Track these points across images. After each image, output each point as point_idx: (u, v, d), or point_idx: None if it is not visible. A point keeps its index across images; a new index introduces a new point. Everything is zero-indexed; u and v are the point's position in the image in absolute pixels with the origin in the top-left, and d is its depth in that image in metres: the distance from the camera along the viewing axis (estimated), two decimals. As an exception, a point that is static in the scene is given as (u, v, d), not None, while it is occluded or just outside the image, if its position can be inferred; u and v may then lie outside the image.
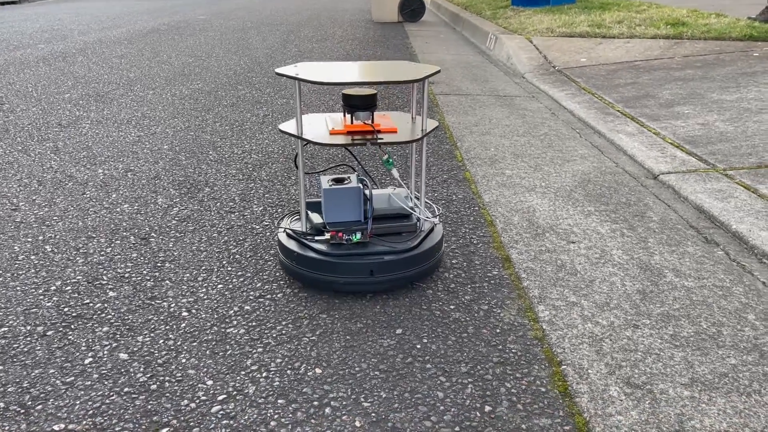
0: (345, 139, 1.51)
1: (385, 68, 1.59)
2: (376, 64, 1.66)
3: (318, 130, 1.58)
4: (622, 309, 1.49)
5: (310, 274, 1.58)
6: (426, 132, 1.56)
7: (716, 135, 2.68)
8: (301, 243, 1.61)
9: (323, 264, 1.56)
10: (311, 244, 1.60)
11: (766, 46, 4.41)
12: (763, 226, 1.82)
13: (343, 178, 1.63)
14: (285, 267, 1.65)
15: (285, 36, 6.61)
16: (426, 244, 1.62)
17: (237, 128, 3.10)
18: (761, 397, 1.18)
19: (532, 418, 1.16)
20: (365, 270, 1.55)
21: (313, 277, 1.58)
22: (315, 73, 1.50)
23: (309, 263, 1.57)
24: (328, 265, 1.56)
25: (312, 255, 1.57)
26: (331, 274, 1.56)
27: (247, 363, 1.33)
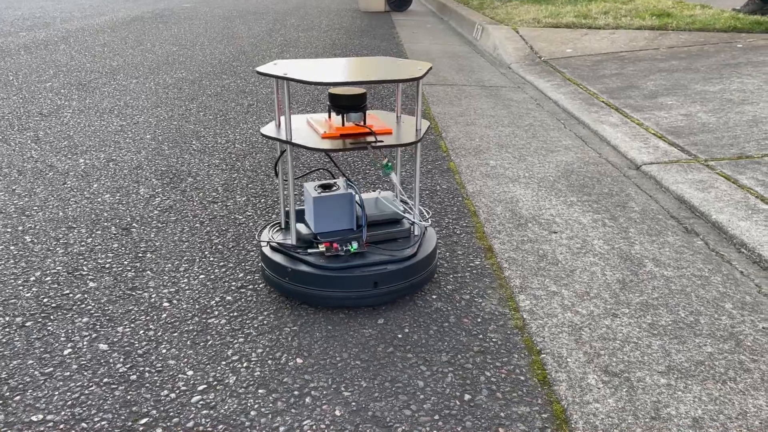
0: (341, 144, 1.41)
1: (376, 65, 1.50)
2: (363, 60, 1.58)
3: (304, 133, 1.47)
4: (601, 298, 1.51)
5: (305, 290, 1.47)
6: (423, 133, 1.49)
7: (698, 126, 2.70)
8: (293, 257, 1.50)
9: (321, 279, 1.45)
10: (305, 257, 1.48)
11: (750, 38, 4.45)
12: (742, 216, 1.84)
13: (330, 184, 1.54)
14: (274, 284, 1.52)
15: (271, 25, 6.56)
16: (425, 248, 1.55)
17: (221, 118, 3.08)
18: (736, 385, 1.20)
19: (510, 406, 1.17)
20: (369, 282, 1.46)
21: (310, 293, 1.47)
22: (302, 71, 1.41)
23: (305, 279, 1.46)
24: (328, 280, 1.45)
25: (308, 270, 1.45)
26: (331, 289, 1.45)
27: (228, 353, 1.32)
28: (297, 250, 1.52)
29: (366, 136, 1.45)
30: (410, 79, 1.39)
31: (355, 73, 1.42)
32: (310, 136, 1.46)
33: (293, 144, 1.41)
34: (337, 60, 1.58)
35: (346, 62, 1.54)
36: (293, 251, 1.51)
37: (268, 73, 1.41)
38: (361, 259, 1.48)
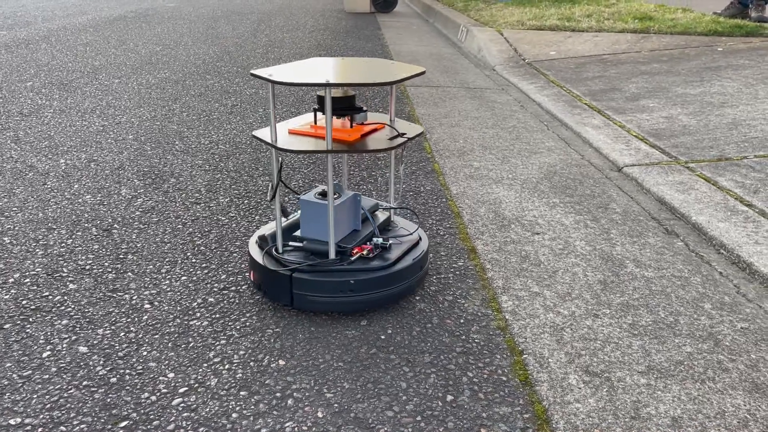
0: (385, 143, 1.41)
1: (370, 66, 1.48)
2: (355, 61, 1.55)
3: (311, 140, 1.41)
4: (583, 299, 1.52)
5: (371, 295, 1.44)
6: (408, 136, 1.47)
7: (679, 128, 2.73)
8: (347, 270, 1.43)
9: (385, 279, 1.44)
10: (358, 267, 1.44)
11: (730, 41, 4.51)
12: (721, 217, 1.87)
13: (325, 191, 1.50)
14: (324, 303, 1.43)
15: (255, 25, 6.53)
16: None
17: (204, 118, 3.06)
18: (714, 384, 1.22)
19: (492, 406, 1.18)
20: (417, 267, 1.50)
21: (376, 297, 1.45)
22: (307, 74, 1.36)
23: (371, 285, 1.43)
24: (392, 277, 1.45)
25: (370, 276, 1.43)
26: (396, 284, 1.46)
27: (209, 355, 1.32)
28: (341, 263, 1.45)
29: (376, 132, 1.48)
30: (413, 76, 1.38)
31: (351, 74, 1.39)
32: (319, 142, 1.40)
33: (333, 151, 1.36)
34: (325, 60, 1.55)
35: (335, 63, 1.52)
36: (343, 265, 1.45)
37: (307, 83, 1.30)
38: (390, 252, 1.51)
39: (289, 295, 1.44)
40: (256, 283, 1.52)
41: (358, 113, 1.46)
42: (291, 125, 1.50)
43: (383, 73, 1.41)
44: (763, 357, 1.30)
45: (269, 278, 1.46)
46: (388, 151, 1.44)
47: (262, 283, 1.49)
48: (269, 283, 1.46)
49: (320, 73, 1.37)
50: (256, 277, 1.50)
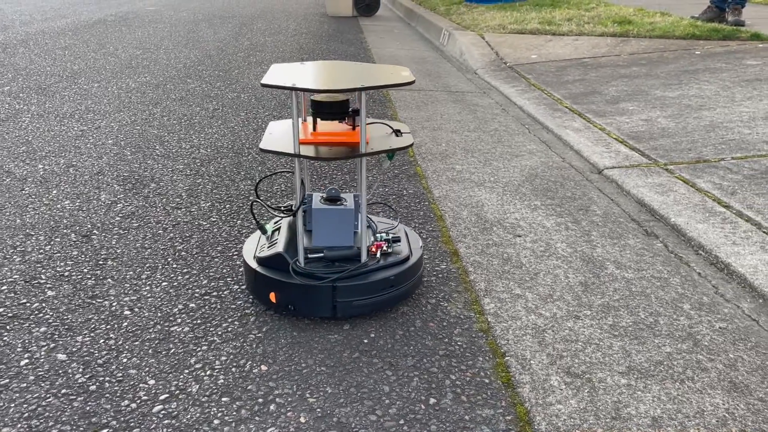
0: (395, 141, 1.44)
1: (363, 70, 1.47)
2: (348, 65, 1.54)
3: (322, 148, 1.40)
4: (564, 300, 1.53)
5: (408, 287, 1.50)
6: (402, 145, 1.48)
7: (658, 131, 2.76)
8: (384, 267, 1.46)
9: (412, 269, 1.50)
10: (389, 263, 1.48)
11: (707, 45, 4.57)
12: (699, 218, 1.89)
13: (337, 198, 1.49)
14: (372, 304, 1.44)
15: (237, 29, 6.51)
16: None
17: (185, 122, 3.04)
18: (694, 384, 1.23)
19: (475, 409, 1.18)
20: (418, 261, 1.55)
21: (409, 289, 1.51)
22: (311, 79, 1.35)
23: (406, 276, 1.48)
24: (415, 267, 1.51)
25: (404, 268, 1.48)
26: (416, 274, 1.52)
27: (190, 361, 1.31)
28: (376, 262, 1.47)
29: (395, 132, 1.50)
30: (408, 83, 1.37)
31: (355, 78, 1.37)
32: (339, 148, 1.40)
33: (365, 155, 1.37)
34: (323, 64, 1.53)
35: (333, 67, 1.50)
36: (380, 263, 1.47)
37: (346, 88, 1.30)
38: (400, 244, 1.55)
39: (330, 306, 1.42)
40: (280, 303, 1.45)
41: (357, 115, 1.45)
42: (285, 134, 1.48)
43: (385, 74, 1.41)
44: (741, 356, 1.32)
45: (304, 294, 1.42)
46: (406, 149, 1.45)
47: (293, 301, 1.44)
48: (304, 299, 1.43)
49: (342, 79, 1.36)
50: (282, 296, 1.44)
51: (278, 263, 1.45)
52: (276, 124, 1.54)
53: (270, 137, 1.44)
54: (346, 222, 1.45)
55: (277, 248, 1.47)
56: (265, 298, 1.47)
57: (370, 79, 1.35)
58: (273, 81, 1.32)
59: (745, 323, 1.43)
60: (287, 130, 1.49)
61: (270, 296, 1.45)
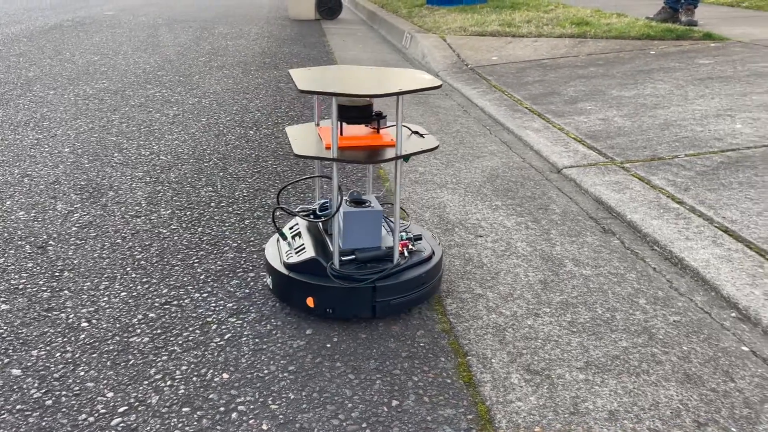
0: (422, 142, 1.50)
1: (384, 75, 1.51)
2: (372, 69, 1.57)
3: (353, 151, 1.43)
4: (524, 299, 1.55)
5: (434, 282, 1.55)
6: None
7: (615, 129, 2.83)
8: (421, 262, 1.52)
9: (437, 266, 1.55)
10: (424, 255, 1.54)
11: (662, 45, 4.69)
12: (654, 215, 1.94)
13: (364, 201, 1.52)
14: (413, 301, 1.49)
15: (198, 33, 6.43)
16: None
17: (145, 129, 2.99)
18: (649, 377, 1.26)
19: (437, 409, 1.19)
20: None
21: (437, 284, 1.57)
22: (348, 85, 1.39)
23: (436, 271, 1.54)
24: (441, 262, 1.57)
25: (434, 263, 1.53)
26: (441, 269, 1.58)
27: (150, 372, 1.29)
28: (407, 261, 1.50)
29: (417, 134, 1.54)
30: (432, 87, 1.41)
31: (384, 83, 1.41)
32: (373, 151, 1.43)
33: (401, 157, 1.41)
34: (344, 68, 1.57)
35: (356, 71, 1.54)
36: (410, 260, 1.51)
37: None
38: (421, 241, 1.59)
39: (370, 306, 1.45)
40: (318, 307, 1.45)
41: (381, 118, 1.48)
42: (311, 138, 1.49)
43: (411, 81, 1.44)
44: (694, 348, 1.35)
45: (344, 297, 1.44)
46: (434, 150, 1.50)
47: (333, 305, 1.44)
48: (344, 301, 1.44)
49: (373, 84, 1.39)
50: (320, 300, 1.44)
51: (313, 268, 1.46)
52: (296, 130, 1.55)
53: (298, 142, 1.45)
54: (375, 223, 1.49)
55: (310, 253, 1.48)
56: (300, 303, 1.48)
57: (401, 83, 1.39)
58: (311, 87, 1.34)
59: (698, 316, 1.47)
60: (311, 134, 1.51)
61: (307, 301, 1.46)
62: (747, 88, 3.26)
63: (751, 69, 3.68)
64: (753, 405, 1.18)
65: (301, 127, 1.57)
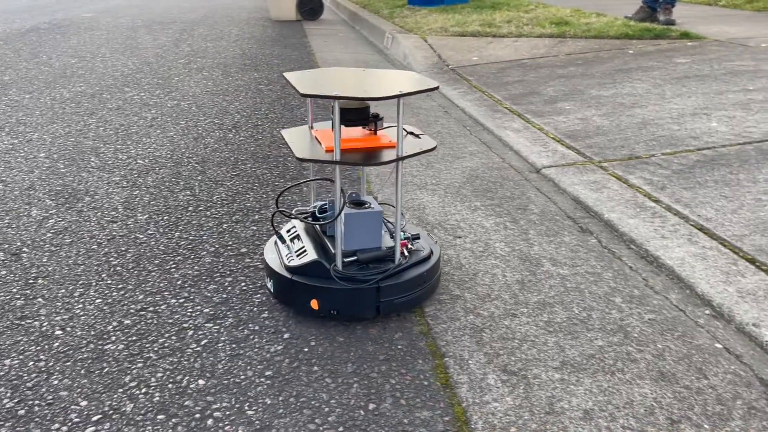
0: (421, 143, 1.54)
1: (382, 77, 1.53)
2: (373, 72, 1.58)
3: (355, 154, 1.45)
4: (501, 299, 1.56)
5: (434, 280, 1.57)
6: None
7: (593, 129, 2.85)
8: (423, 260, 1.55)
9: (438, 262, 1.58)
10: (424, 255, 1.56)
11: (640, 44, 4.74)
12: (631, 214, 1.96)
13: (363, 202, 1.53)
14: (413, 300, 1.51)
15: (178, 35, 6.39)
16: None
17: (122, 133, 2.97)
18: (624, 375, 1.27)
19: (414, 411, 1.19)
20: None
21: (435, 282, 1.59)
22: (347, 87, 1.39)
23: (436, 270, 1.57)
24: (440, 260, 1.60)
25: (435, 261, 1.56)
26: (440, 267, 1.61)
27: (125, 380, 1.28)
28: (407, 260, 1.52)
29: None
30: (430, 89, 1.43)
31: (383, 85, 1.43)
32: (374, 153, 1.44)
33: (404, 158, 1.45)
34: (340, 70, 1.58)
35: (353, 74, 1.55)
36: (409, 260, 1.53)
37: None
38: (420, 240, 1.62)
39: (374, 306, 1.46)
40: (323, 309, 1.46)
41: (378, 120, 1.50)
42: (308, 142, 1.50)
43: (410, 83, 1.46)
44: (668, 346, 1.37)
45: (349, 298, 1.44)
46: (433, 150, 1.54)
47: (337, 306, 1.45)
48: (349, 302, 1.45)
49: (373, 86, 1.40)
50: (325, 302, 1.45)
51: (316, 270, 1.46)
52: (292, 133, 1.55)
53: (298, 146, 1.45)
54: (376, 224, 1.50)
55: (312, 255, 1.49)
56: (303, 305, 1.48)
57: (400, 85, 1.41)
58: (312, 91, 1.34)
59: (672, 314, 1.49)
60: (308, 137, 1.51)
61: (312, 303, 1.46)
62: (723, 87, 3.30)
63: (727, 67, 3.73)
64: (725, 401, 1.19)
65: (297, 130, 1.58)
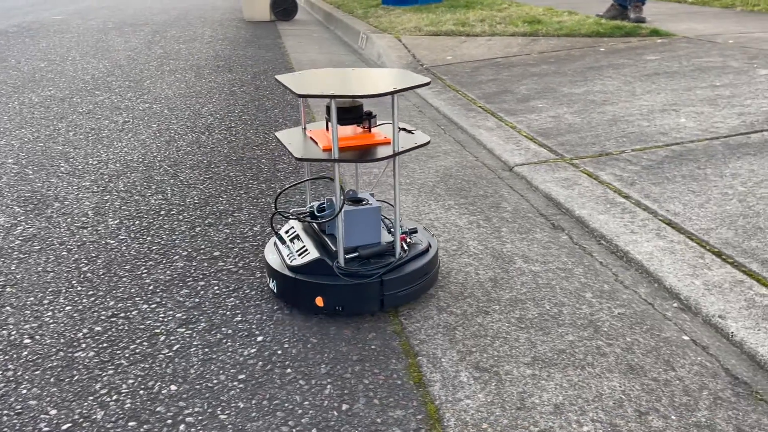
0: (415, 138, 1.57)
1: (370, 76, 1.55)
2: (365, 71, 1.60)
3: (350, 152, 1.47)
4: (474, 297, 1.57)
5: (434, 272, 1.60)
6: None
7: (565, 127, 2.88)
8: (425, 251, 1.59)
9: (436, 254, 1.61)
10: (422, 248, 1.59)
11: (611, 42, 4.80)
12: (601, 210, 1.98)
13: (361, 199, 1.55)
14: (421, 289, 1.55)
15: (150, 37, 6.32)
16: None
17: (93, 137, 2.93)
18: (593, 369, 1.29)
19: (387, 411, 1.20)
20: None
21: (434, 274, 1.60)
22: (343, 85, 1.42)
23: (435, 262, 1.59)
24: (437, 252, 1.62)
25: (434, 253, 1.59)
26: (438, 260, 1.63)
27: (95, 387, 1.26)
28: (407, 254, 1.55)
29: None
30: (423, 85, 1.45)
31: (376, 83, 1.45)
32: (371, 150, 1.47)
33: (400, 153, 1.46)
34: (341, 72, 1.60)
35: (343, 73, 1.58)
36: (412, 253, 1.55)
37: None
38: (418, 233, 1.66)
39: (378, 300, 1.49)
40: (328, 306, 1.48)
41: (374, 118, 1.53)
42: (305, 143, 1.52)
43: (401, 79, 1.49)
44: (637, 339, 1.39)
45: (354, 293, 1.47)
46: (426, 145, 1.57)
47: (342, 302, 1.48)
48: (353, 298, 1.48)
49: (366, 84, 1.43)
50: (330, 299, 1.48)
51: (319, 268, 1.49)
52: (287, 135, 1.58)
53: (295, 147, 1.48)
54: (375, 220, 1.53)
55: (314, 254, 1.51)
56: (308, 303, 1.50)
57: (393, 82, 1.44)
58: (309, 91, 1.37)
59: (641, 307, 1.51)
60: (302, 138, 1.54)
61: (316, 301, 1.48)
62: (691, 83, 3.36)
63: (695, 64, 3.79)
64: (692, 392, 1.22)
65: (291, 131, 1.61)
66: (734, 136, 2.52)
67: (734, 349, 1.35)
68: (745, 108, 2.82)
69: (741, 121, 2.65)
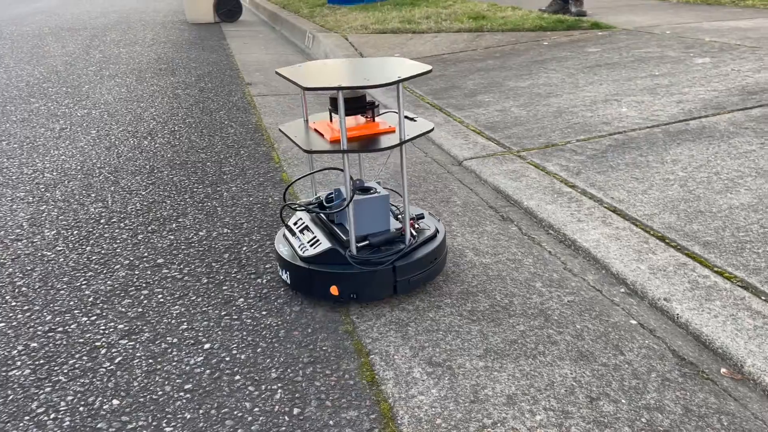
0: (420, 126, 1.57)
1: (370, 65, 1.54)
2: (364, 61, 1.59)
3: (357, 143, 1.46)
4: (426, 292, 1.56)
5: (444, 254, 1.61)
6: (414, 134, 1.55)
7: (512, 120, 2.91)
8: (433, 236, 1.60)
9: (444, 238, 1.62)
10: (431, 232, 1.61)
11: (554, 35, 4.88)
12: (549, 200, 2.00)
13: (368, 188, 1.56)
14: (430, 274, 1.55)
15: (88, 41, 6.11)
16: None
17: (28, 145, 2.80)
18: (545, 358, 1.30)
19: (339, 412, 1.17)
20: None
21: (444, 257, 1.61)
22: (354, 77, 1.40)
23: (443, 245, 1.60)
24: (445, 235, 1.64)
25: (442, 237, 1.60)
26: (446, 243, 1.64)
27: (32, 406, 1.20)
28: (416, 240, 1.56)
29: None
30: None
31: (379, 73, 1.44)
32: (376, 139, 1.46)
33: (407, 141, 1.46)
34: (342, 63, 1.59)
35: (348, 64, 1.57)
36: (421, 239, 1.57)
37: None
38: (425, 219, 1.68)
39: (391, 286, 1.50)
40: (343, 294, 1.49)
41: (377, 107, 1.52)
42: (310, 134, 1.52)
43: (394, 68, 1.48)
44: (586, 326, 1.40)
45: (367, 280, 1.47)
46: (430, 132, 1.59)
47: (356, 290, 1.48)
48: (367, 285, 1.48)
49: (370, 75, 1.41)
50: (344, 287, 1.48)
51: (332, 258, 1.49)
52: (291, 128, 1.57)
53: (302, 139, 1.47)
54: (384, 208, 1.54)
55: (326, 244, 1.51)
56: (323, 293, 1.50)
57: (396, 71, 1.43)
58: (316, 84, 1.35)
59: (590, 294, 1.53)
60: (307, 130, 1.53)
61: (331, 290, 1.49)
62: (632, 73, 3.44)
63: (635, 55, 3.89)
64: (641, 375, 1.23)
65: (294, 124, 1.61)
66: (674, 124, 2.59)
67: (680, 330, 1.37)
68: (684, 96, 2.90)
69: (680, 109, 2.73)
